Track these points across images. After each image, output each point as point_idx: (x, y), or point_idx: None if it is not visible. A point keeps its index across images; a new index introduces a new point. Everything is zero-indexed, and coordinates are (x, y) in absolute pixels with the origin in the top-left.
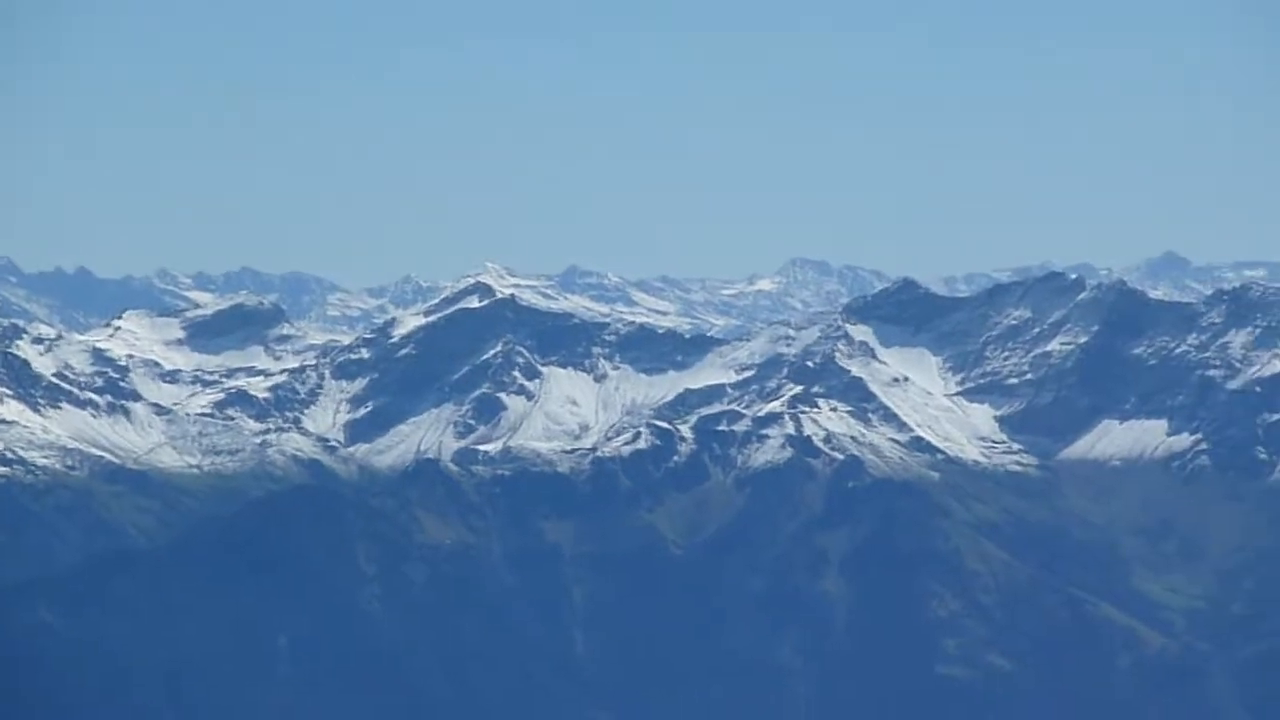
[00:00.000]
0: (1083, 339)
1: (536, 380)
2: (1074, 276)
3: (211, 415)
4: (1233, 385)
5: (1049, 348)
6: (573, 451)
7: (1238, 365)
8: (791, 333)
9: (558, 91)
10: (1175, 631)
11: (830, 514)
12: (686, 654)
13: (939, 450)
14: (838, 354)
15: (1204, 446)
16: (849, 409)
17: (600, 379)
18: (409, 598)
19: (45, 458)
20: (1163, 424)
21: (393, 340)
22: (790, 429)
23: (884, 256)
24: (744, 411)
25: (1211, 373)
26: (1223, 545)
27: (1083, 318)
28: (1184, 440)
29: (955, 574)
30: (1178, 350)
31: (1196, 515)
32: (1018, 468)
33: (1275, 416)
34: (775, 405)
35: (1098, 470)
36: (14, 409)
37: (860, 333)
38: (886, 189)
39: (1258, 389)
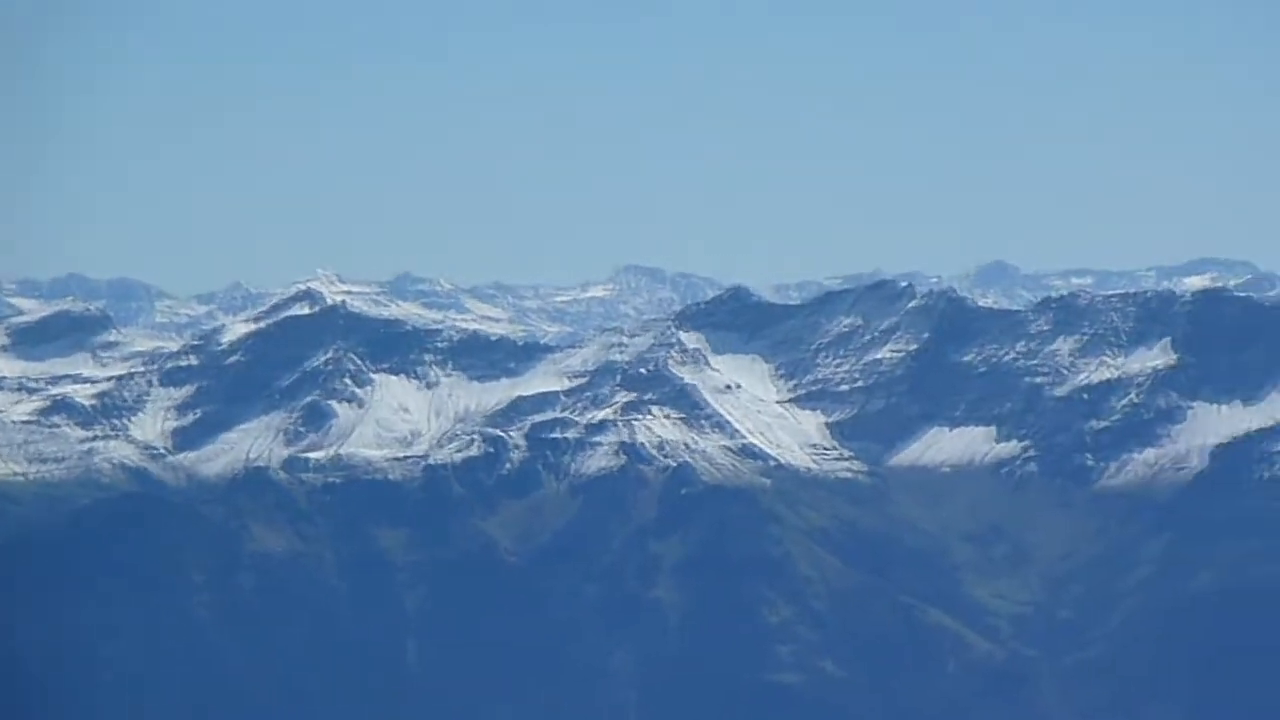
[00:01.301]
0: (912, 346)
1: (367, 387)
2: (904, 284)
3: (36, 422)
4: (1059, 392)
5: (879, 355)
6: (404, 459)
7: (1065, 373)
8: (624, 340)
9: (386, 97)
10: (1002, 638)
11: (662, 521)
12: (520, 661)
13: (770, 457)
14: (670, 361)
15: (1032, 453)
16: (681, 416)
17: (432, 386)
18: (239, 606)
19: None
20: (991, 430)
21: (221, 347)
22: (622, 436)
23: (716, 264)
24: (576, 419)
25: (1039, 380)
26: (1050, 552)
27: (912, 325)
28: (1012, 447)
29: (787, 580)
30: (1006, 358)
31: (1024, 521)
32: (848, 474)
33: (1102, 423)
34: (607, 412)
35: (927, 477)
36: None
37: (692, 340)
38: (719, 196)
39: (1084, 396)
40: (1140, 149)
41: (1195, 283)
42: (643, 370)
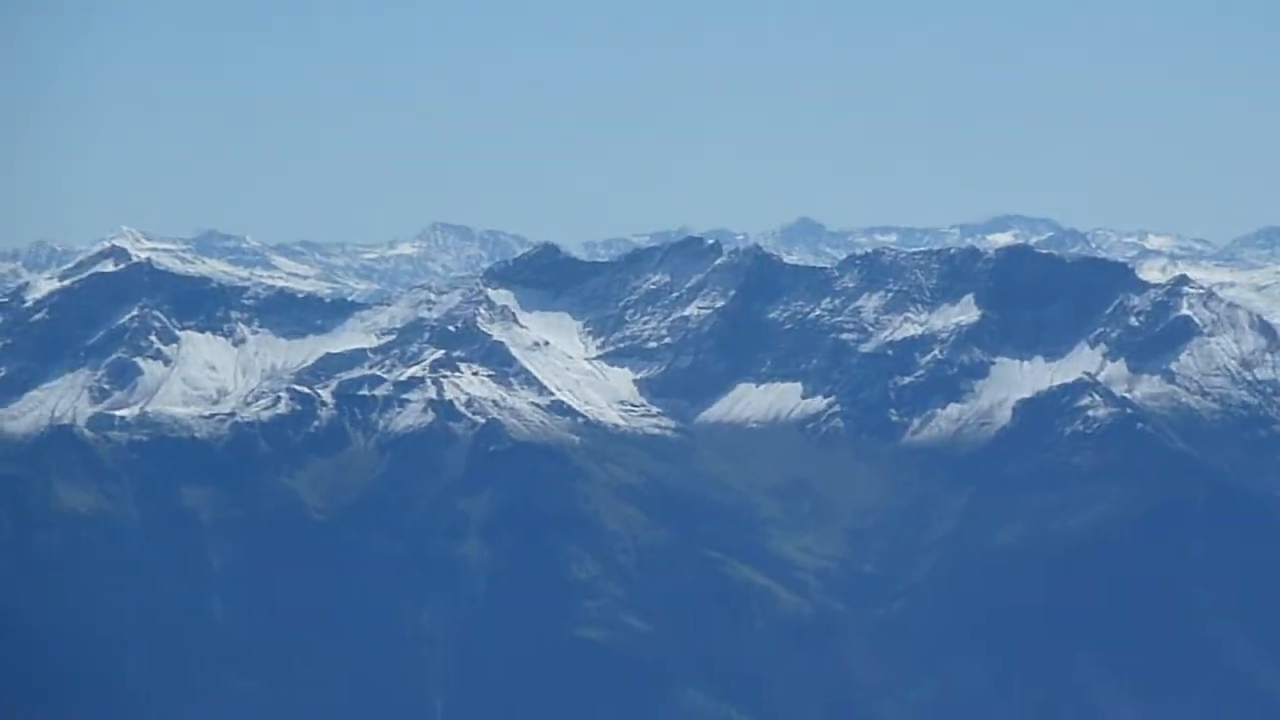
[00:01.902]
0: (720, 303)
1: (174, 345)
2: (711, 242)
3: None
4: (865, 349)
5: (687, 312)
6: (211, 416)
7: (870, 329)
8: (433, 297)
9: (195, 53)
10: (809, 592)
11: (471, 478)
12: (327, 618)
13: (579, 414)
14: (479, 318)
15: (838, 409)
16: (490, 373)
17: (239, 343)
18: (44, 566)
19: None
20: (798, 387)
21: (26, 305)
22: (432, 393)
23: (525, 221)
24: (385, 376)
25: (845, 336)
26: (855, 506)
27: (720, 282)
28: (818, 403)
29: (594, 536)
30: (812, 314)
31: (830, 477)
32: (656, 430)
33: (906, 379)
34: (416, 369)
35: (735, 433)
36: None
37: (501, 297)
38: (527, 153)
39: (889, 352)
40: (943, 105)
41: (999, 240)
42: (452, 328)
